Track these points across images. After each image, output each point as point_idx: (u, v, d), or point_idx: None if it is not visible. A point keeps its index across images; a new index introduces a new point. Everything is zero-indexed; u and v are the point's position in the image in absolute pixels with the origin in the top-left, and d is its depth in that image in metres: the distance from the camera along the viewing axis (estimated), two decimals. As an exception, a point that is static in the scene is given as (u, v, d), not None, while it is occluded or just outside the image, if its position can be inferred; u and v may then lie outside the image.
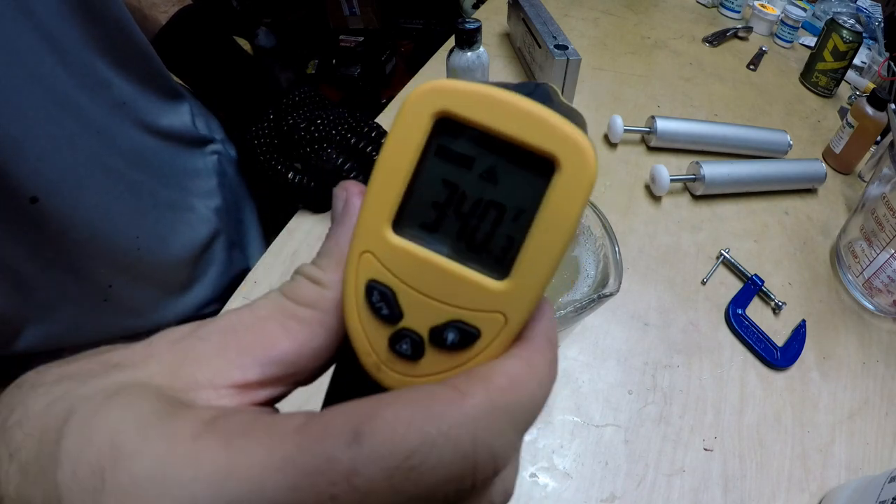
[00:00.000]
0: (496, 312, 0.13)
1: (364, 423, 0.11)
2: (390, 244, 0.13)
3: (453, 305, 0.13)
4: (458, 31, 0.53)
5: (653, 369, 0.46)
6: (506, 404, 0.12)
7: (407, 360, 0.13)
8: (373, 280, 0.13)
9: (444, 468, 0.11)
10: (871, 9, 1.06)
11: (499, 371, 0.12)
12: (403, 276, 0.13)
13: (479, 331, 0.13)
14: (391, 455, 0.11)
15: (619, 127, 0.66)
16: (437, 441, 0.11)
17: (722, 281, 0.54)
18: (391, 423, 0.11)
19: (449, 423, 0.11)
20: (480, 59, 0.54)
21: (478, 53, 0.54)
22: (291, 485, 0.10)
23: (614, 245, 0.34)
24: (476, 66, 0.54)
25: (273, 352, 0.13)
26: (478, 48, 0.54)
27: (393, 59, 1.85)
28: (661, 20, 0.98)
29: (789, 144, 0.69)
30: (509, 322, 0.13)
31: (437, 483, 0.11)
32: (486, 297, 0.13)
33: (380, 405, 0.11)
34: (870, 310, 0.54)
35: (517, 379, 0.12)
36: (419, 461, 0.11)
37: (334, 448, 0.11)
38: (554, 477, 0.39)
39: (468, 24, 0.53)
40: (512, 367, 0.12)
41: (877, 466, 0.43)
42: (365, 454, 0.10)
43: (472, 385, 0.12)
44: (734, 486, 0.40)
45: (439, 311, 0.13)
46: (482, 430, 0.11)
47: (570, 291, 0.34)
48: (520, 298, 0.13)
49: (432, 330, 0.13)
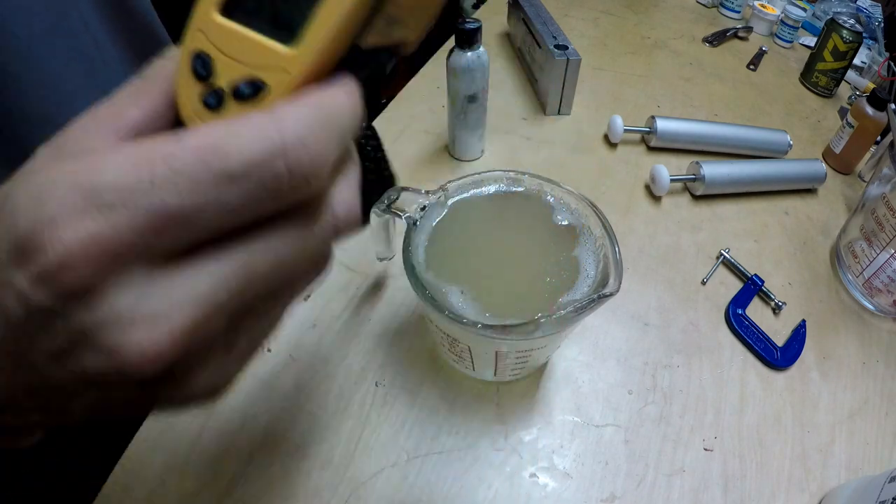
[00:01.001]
0: (283, 71, 0.16)
1: (182, 134, 0.14)
2: (213, 21, 0.16)
3: (250, 65, 0.16)
4: (458, 31, 0.53)
5: (653, 369, 0.46)
6: (302, 108, 0.15)
7: (213, 110, 0.17)
8: (197, 49, 0.17)
9: (249, 146, 0.13)
10: (871, 9, 1.06)
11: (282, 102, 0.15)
12: (218, 45, 0.16)
13: (266, 85, 0.16)
14: (200, 143, 0.13)
15: (619, 127, 0.66)
16: (240, 129, 0.14)
17: (722, 281, 0.54)
18: (202, 129, 0.14)
19: (248, 118, 0.14)
20: (480, 59, 0.54)
21: (478, 53, 0.54)
22: (128, 171, 0.13)
23: (614, 245, 0.34)
24: (476, 66, 0.54)
25: (126, 121, 0.16)
26: (478, 48, 0.54)
27: (393, 59, 1.86)
28: (661, 20, 0.98)
29: (789, 144, 0.69)
30: (292, 77, 0.16)
31: (246, 163, 0.13)
32: (276, 59, 0.16)
33: (194, 127, 0.15)
34: (870, 310, 0.54)
35: (303, 100, 0.15)
36: (225, 142, 0.13)
37: (156, 143, 0.13)
38: (554, 477, 0.39)
39: (468, 24, 0.53)
40: (295, 102, 0.15)
41: (877, 466, 0.43)
42: (179, 145, 0.13)
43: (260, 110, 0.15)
44: (734, 486, 0.40)
45: (240, 70, 0.16)
46: (281, 118, 0.14)
47: (570, 291, 0.34)
48: (303, 59, 0.16)
49: (232, 85, 0.16)
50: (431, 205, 0.37)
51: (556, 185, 0.39)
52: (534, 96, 0.74)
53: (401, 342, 0.45)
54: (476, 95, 0.57)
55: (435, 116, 0.68)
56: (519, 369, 0.40)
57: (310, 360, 0.44)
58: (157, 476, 0.37)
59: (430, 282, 0.34)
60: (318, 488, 0.37)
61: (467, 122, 0.60)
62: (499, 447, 0.40)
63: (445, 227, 0.37)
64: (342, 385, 0.43)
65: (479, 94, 0.57)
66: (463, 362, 0.39)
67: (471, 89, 0.56)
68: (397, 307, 0.48)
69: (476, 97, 0.58)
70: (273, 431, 0.40)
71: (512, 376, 0.42)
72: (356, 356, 0.44)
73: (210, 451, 0.39)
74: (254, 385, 0.42)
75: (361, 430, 0.40)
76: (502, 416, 0.42)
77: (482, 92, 0.58)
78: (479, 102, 0.58)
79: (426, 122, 0.67)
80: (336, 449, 0.39)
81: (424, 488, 0.38)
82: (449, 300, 0.33)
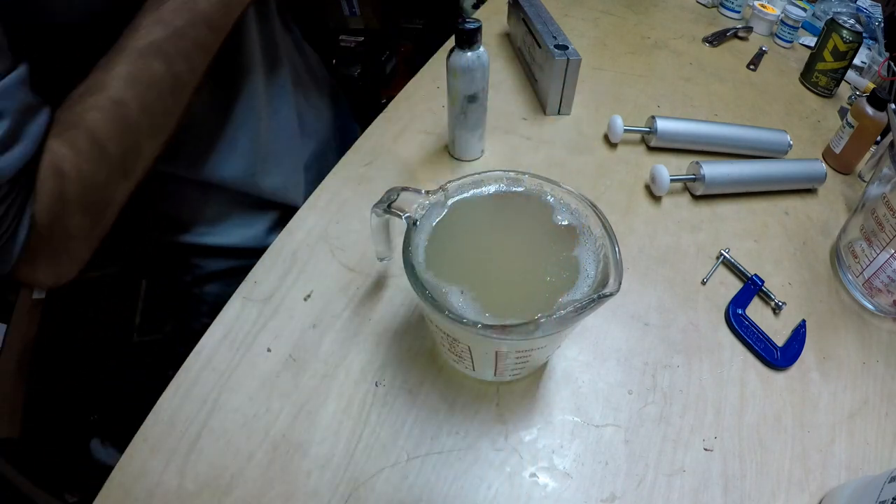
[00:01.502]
0: None
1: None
2: None
3: None
4: (458, 31, 0.53)
5: (653, 369, 0.46)
6: None
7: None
8: None
9: None
10: (871, 9, 1.06)
11: None
12: None
13: None
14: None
15: (619, 127, 0.66)
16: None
17: (722, 281, 0.54)
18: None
19: None
20: (480, 59, 0.54)
21: (478, 53, 0.54)
22: None
23: (614, 245, 0.34)
24: (476, 66, 0.54)
25: None
26: (478, 48, 0.54)
27: (393, 59, 1.85)
28: (661, 20, 0.98)
29: (789, 144, 0.69)
30: None
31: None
32: None
33: None
34: (870, 310, 0.54)
35: None
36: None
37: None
38: (554, 477, 0.39)
39: (468, 24, 0.52)
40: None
41: (877, 466, 0.43)
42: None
43: None
44: (734, 486, 0.40)
45: None
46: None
47: (570, 291, 0.34)
48: None
49: None
50: (431, 205, 0.37)
51: (556, 185, 0.39)
52: (534, 96, 0.74)
53: (401, 342, 0.45)
54: (476, 95, 0.57)
55: (435, 116, 0.68)
56: (519, 369, 0.40)
57: (310, 360, 0.44)
58: (157, 476, 0.37)
59: (430, 282, 0.34)
60: (318, 488, 0.37)
61: (467, 122, 0.60)
62: (499, 447, 0.40)
63: (445, 227, 0.37)
64: (342, 385, 0.43)
65: (479, 94, 0.57)
66: (463, 362, 0.39)
67: (471, 89, 0.56)
68: (397, 307, 0.48)
69: (476, 97, 0.58)
70: (273, 431, 0.40)
71: (512, 376, 0.42)
72: (356, 356, 0.44)
73: (210, 451, 0.39)
74: (254, 385, 0.42)
75: (361, 430, 0.40)
76: (502, 416, 0.42)
77: (482, 92, 0.58)
78: (479, 102, 0.58)
79: (426, 122, 0.67)
80: (336, 449, 0.39)
81: (424, 488, 0.38)
82: (449, 300, 0.33)
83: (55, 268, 0.38)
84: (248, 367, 0.43)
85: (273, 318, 0.46)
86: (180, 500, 0.36)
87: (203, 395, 0.41)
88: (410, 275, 0.33)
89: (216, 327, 0.45)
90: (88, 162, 0.37)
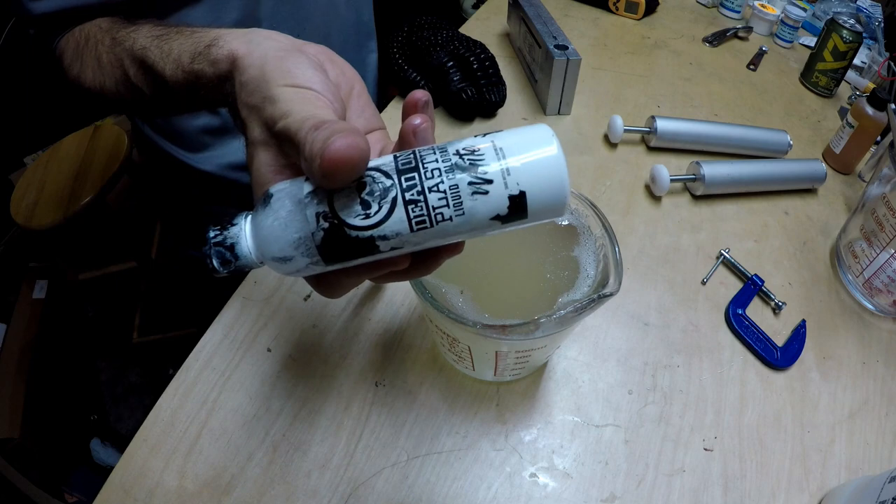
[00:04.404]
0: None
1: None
2: None
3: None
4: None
5: (653, 369, 0.46)
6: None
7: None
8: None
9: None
10: (871, 9, 1.06)
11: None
12: None
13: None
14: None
15: (619, 127, 0.66)
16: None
17: (722, 281, 0.54)
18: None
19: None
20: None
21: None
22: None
23: (614, 245, 0.34)
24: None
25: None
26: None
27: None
28: (661, 20, 0.98)
29: (789, 144, 0.69)
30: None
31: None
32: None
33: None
34: (870, 310, 0.54)
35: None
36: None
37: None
38: (554, 477, 0.39)
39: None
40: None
41: (877, 466, 0.43)
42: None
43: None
44: (734, 486, 0.40)
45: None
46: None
47: (570, 291, 0.34)
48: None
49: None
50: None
51: (556, 185, 0.39)
52: (534, 96, 0.74)
53: (401, 342, 0.45)
54: (476, 95, 0.57)
55: (435, 116, 0.68)
56: (519, 369, 0.40)
57: (310, 360, 0.44)
58: (157, 476, 0.37)
59: (430, 282, 0.34)
60: (318, 488, 0.37)
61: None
62: (499, 447, 0.40)
63: (445, 227, 0.37)
64: (342, 385, 0.43)
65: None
66: (463, 362, 0.39)
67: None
68: (397, 307, 0.48)
69: (476, 97, 0.58)
70: (273, 431, 0.40)
71: (512, 376, 0.42)
72: (356, 356, 0.44)
73: (210, 451, 0.39)
74: (254, 385, 0.42)
75: (361, 430, 0.40)
76: (502, 416, 0.42)
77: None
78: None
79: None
80: (336, 449, 0.39)
81: (424, 488, 0.38)
82: (449, 300, 0.33)
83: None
84: (248, 367, 0.43)
85: (273, 318, 0.46)
86: (180, 500, 0.36)
87: (203, 395, 0.41)
88: (410, 275, 0.33)
89: (216, 327, 0.45)
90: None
